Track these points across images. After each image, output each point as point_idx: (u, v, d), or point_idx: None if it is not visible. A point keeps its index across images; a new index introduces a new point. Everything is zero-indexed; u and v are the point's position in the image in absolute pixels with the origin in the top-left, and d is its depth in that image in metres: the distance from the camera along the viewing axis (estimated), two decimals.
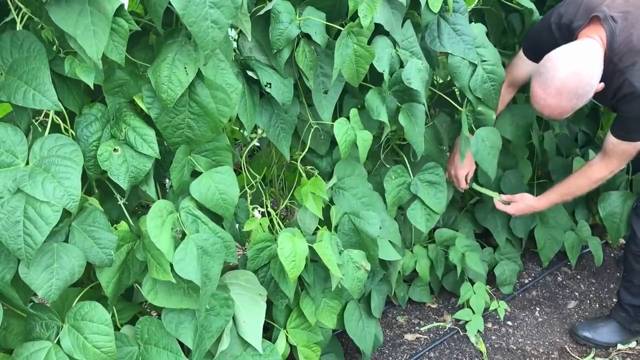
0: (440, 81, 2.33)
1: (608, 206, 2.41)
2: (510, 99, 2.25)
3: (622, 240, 2.78)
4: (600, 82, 1.80)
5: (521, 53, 2.11)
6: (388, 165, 2.10)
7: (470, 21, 2.07)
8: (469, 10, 2.00)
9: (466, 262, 2.36)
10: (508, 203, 2.26)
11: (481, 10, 2.20)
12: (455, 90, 2.19)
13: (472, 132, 2.07)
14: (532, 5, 2.06)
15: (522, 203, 2.22)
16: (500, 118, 2.29)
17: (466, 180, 2.28)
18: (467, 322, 2.43)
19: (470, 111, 2.03)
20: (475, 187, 2.36)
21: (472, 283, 2.49)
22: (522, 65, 2.12)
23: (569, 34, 1.88)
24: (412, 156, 2.08)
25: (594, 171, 1.99)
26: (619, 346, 2.26)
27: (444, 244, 2.46)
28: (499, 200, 2.28)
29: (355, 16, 1.55)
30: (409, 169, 2.05)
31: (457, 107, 2.03)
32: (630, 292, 2.16)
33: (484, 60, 1.99)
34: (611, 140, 1.93)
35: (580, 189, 2.05)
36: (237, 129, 2.29)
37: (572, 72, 1.74)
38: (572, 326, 2.38)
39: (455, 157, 2.24)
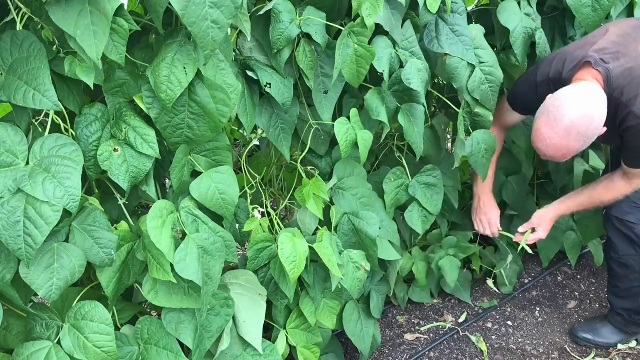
0: (445, 83, 2.32)
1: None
2: (504, 139, 2.26)
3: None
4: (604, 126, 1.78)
5: (507, 105, 2.10)
6: (388, 166, 2.10)
7: (476, 22, 2.07)
8: (474, 10, 2.00)
9: (441, 267, 2.39)
10: (533, 230, 2.18)
11: (488, 10, 2.19)
12: None
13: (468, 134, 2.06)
14: (522, 60, 2.07)
15: (542, 222, 2.14)
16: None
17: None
18: (467, 321, 2.44)
19: (468, 113, 2.02)
20: (502, 233, 2.32)
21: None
22: (511, 115, 2.13)
23: (560, 85, 1.85)
24: (407, 158, 2.09)
25: (617, 187, 1.96)
26: (619, 346, 2.26)
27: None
28: (523, 237, 2.19)
29: (356, 16, 1.55)
30: (407, 170, 2.05)
31: (456, 109, 2.03)
32: (619, 296, 2.17)
33: (482, 62, 1.98)
34: (627, 169, 1.92)
35: (602, 202, 2.03)
36: (237, 129, 2.30)
37: (584, 114, 1.71)
38: (572, 327, 2.38)
39: (480, 203, 2.25)
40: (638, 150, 1.83)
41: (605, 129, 1.77)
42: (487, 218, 2.29)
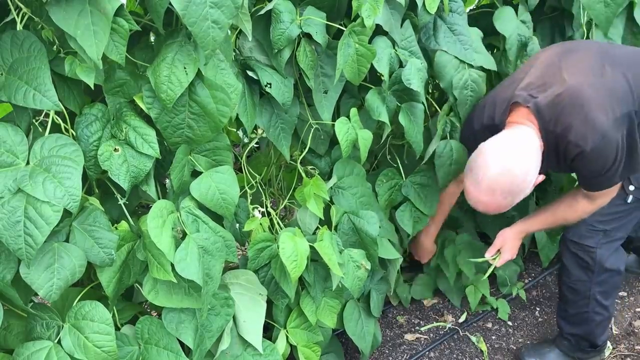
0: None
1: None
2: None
3: None
4: (545, 153, 1.73)
5: None
6: (387, 166, 2.10)
7: (477, 23, 2.06)
8: (474, 11, 1.98)
9: (459, 262, 2.39)
10: (498, 252, 2.11)
11: (489, 12, 2.19)
12: None
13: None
14: (514, 68, 2.03)
15: (507, 244, 2.08)
16: None
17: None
18: (467, 321, 2.44)
19: (448, 116, 2.00)
20: (472, 260, 2.30)
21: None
22: None
23: (496, 130, 1.79)
24: (405, 158, 2.08)
25: (581, 206, 1.89)
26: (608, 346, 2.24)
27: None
28: (493, 259, 2.11)
29: (356, 16, 1.55)
30: (402, 170, 2.05)
31: (438, 109, 2.00)
32: (568, 321, 2.12)
33: (476, 67, 1.96)
34: (586, 192, 1.86)
35: (567, 220, 1.97)
36: (234, 130, 2.30)
37: (504, 170, 1.66)
38: (518, 351, 2.30)
39: (417, 243, 2.28)
40: (592, 175, 1.75)
41: (542, 177, 1.74)
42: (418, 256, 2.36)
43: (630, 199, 1.88)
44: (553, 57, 1.80)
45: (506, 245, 2.06)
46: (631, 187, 1.87)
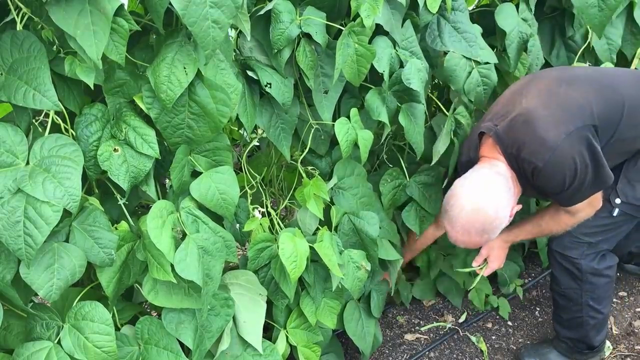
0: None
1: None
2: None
3: None
4: (518, 179, 1.75)
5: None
6: (390, 165, 2.10)
7: (476, 22, 2.06)
8: (474, 10, 1.97)
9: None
10: (485, 261, 2.11)
11: (488, 11, 2.18)
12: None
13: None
14: (514, 65, 2.06)
15: (494, 253, 2.08)
16: None
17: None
18: (467, 321, 2.44)
19: (455, 115, 2.00)
20: (460, 270, 2.30)
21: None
22: None
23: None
24: (405, 160, 2.08)
25: (563, 219, 1.90)
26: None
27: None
28: (479, 268, 2.12)
29: (356, 16, 1.55)
30: (405, 170, 2.05)
31: (445, 111, 2.00)
32: (563, 326, 2.13)
33: (481, 63, 1.97)
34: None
35: (552, 232, 1.98)
36: (236, 129, 2.30)
37: (475, 210, 1.69)
38: (517, 352, 2.30)
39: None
40: (555, 191, 1.75)
41: (519, 206, 1.76)
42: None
43: (616, 212, 1.88)
44: (519, 87, 1.84)
45: (492, 254, 2.07)
46: (617, 200, 1.86)
